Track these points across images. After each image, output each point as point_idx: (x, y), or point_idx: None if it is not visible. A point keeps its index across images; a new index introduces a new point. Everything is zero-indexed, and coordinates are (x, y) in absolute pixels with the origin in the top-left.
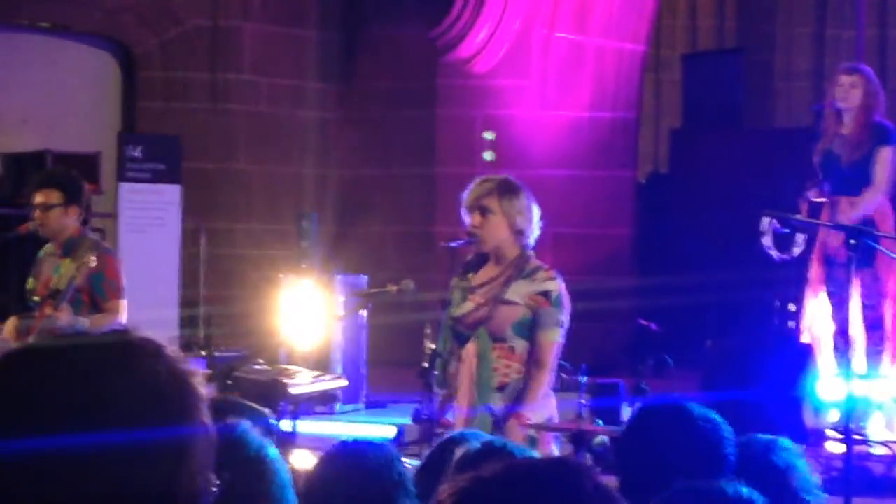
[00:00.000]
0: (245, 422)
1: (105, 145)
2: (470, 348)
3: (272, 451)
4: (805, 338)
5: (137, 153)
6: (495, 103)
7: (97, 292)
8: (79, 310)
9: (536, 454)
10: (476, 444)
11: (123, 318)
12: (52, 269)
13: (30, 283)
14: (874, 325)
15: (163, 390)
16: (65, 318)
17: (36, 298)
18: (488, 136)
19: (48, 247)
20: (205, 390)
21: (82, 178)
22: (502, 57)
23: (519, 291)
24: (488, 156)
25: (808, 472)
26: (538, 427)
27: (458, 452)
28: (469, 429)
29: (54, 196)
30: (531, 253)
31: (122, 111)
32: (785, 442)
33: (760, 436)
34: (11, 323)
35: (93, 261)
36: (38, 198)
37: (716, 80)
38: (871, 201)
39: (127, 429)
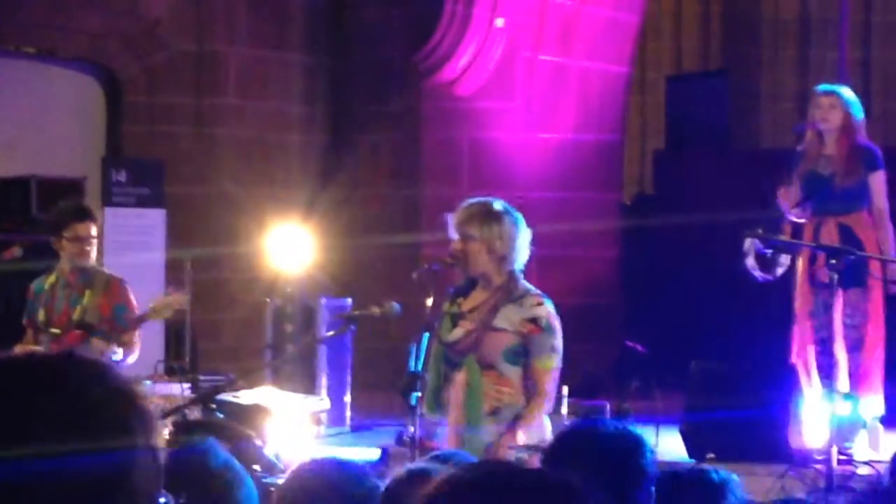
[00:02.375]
0: (210, 438)
1: (90, 170)
2: (459, 376)
3: (237, 464)
4: (791, 358)
5: (122, 178)
6: (480, 125)
7: (119, 322)
8: (100, 337)
9: None
10: (413, 466)
11: (139, 347)
12: (66, 300)
13: (40, 315)
14: (856, 346)
15: (99, 412)
16: (100, 347)
17: (55, 331)
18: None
19: (53, 278)
20: (152, 412)
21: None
22: (486, 79)
23: (508, 318)
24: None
25: None
26: (526, 448)
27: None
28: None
29: (94, 228)
30: (519, 276)
31: (107, 136)
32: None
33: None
34: (21, 351)
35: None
36: (84, 230)
37: (700, 101)
38: (888, 229)
39: (60, 450)
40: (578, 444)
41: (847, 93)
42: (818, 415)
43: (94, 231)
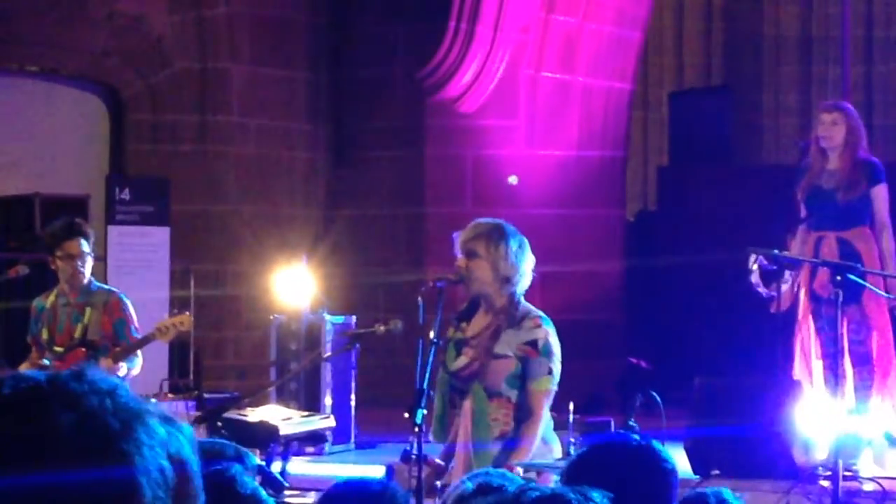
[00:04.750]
0: (237, 464)
1: (94, 188)
2: (466, 405)
3: (264, 493)
4: (794, 374)
5: (126, 196)
6: (483, 143)
7: (121, 338)
8: (105, 355)
9: None
10: (470, 485)
11: (141, 359)
12: (68, 318)
13: (44, 334)
14: (862, 360)
15: (106, 429)
16: (108, 366)
17: (58, 349)
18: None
19: (53, 296)
20: (163, 431)
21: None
22: (489, 96)
23: (509, 342)
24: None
25: None
26: (528, 466)
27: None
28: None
29: (85, 245)
30: (520, 299)
31: (111, 154)
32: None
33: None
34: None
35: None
36: (73, 247)
37: (703, 117)
38: (890, 242)
39: (64, 469)
40: (599, 463)
41: (849, 108)
42: (823, 431)
43: (85, 247)
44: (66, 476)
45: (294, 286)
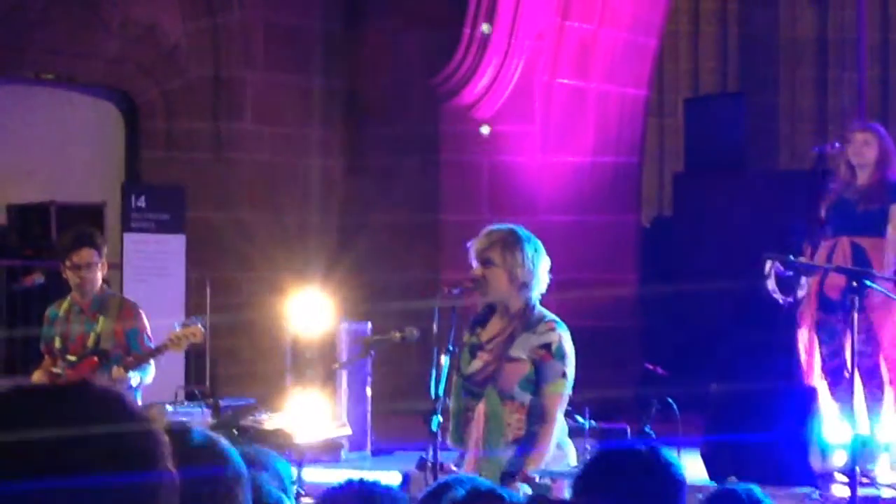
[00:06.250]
0: (264, 472)
1: (109, 196)
2: (480, 407)
3: (290, 502)
4: (811, 380)
5: (141, 203)
6: (498, 149)
7: (133, 347)
8: (118, 364)
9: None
10: (461, 491)
11: (153, 368)
12: (81, 326)
13: (56, 342)
14: (871, 374)
15: (121, 439)
16: (119, 375)
17: (71, 357)
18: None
19: (67, 304)
20: (167, 440)
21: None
22: (504, 103)
23: (523, 346)
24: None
25: None
26: (543, 474)
27: (446, 499)
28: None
29: (94, 255)
30: (536, 303)
31: (126, 162)
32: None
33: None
34: (38, 378)
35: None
36: (80, 258)
37: (718, 123)
38: (891, 260)
39: (83, 477)
40: (610, 469)
41: (881, 129)
42: (840, 437)
43: (94, 258)
44: (81, 483)
45: (309, 294)
